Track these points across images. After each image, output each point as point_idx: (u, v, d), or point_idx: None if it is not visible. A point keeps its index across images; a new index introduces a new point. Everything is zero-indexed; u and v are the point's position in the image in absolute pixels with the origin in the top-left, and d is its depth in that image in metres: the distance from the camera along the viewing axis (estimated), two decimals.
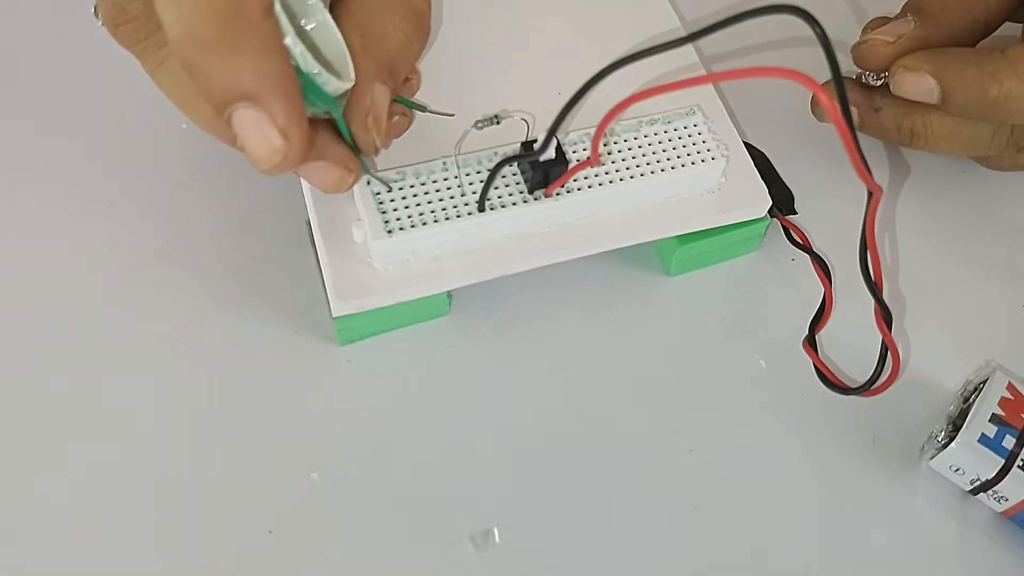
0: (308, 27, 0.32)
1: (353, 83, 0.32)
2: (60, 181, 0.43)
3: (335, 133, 0.33)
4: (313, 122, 0.31)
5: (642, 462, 0.38)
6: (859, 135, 0.29)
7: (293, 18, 0.31)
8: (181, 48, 0.27)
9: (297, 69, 0.29)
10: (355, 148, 0.34)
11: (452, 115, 0.37)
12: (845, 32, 0.43)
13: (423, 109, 0.38)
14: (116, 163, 0.43)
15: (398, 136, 0.37)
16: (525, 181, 0.37)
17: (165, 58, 0.31)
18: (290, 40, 0.29)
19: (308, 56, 0.29)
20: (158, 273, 0.40)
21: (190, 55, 0.27)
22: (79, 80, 0.45)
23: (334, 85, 0.31)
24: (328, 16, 0.32)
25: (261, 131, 0.28)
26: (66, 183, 0.43)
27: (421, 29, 0.35)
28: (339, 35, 0.32)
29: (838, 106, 0.27)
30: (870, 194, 0.30)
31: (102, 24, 0.33)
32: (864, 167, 0.28)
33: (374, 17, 0.33)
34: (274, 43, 0.28)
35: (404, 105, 0.37)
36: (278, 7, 0.28)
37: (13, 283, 0.40)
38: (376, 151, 0.34)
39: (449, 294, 0.39)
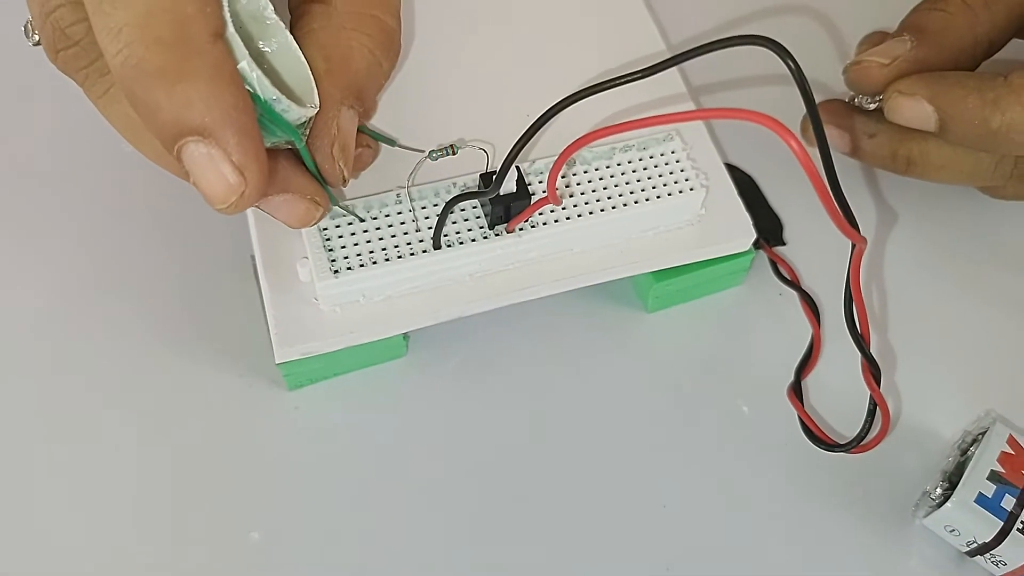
0: (266, 49, 0.30)
1: (317, 109, 0.29)
2: None
3: (297, 163, 0.31)
4: (273, 152, 0.28)
5: (612, 518, 0.35)
6: (845, 177, 0.26)
7: (250, 40, 0.28)
8: (124, 79, 0.25)
9: (254, 96, 0.27)
10: (320, 179, 0.31)
11: (432, 150, 0.34)
12: (828, 61, 0.40)
13: (392, 143, 0.35)
14: (46, 189, 0.40)
15: (362, 169, 0.35)
16: (485, 216, 0.34)
17: (110, 86, 0.29)
18: (245, 65, 0.26)
19: (265, 81, 0.27)
20: (91, 310, 0.38)
21: (133, 86, 0.25)
22: (16, 96, 0.43)
23: (295, 113, 0.28)
24: (289, 37, 0.30)
25: (214, 167, 0.26)
26: (4, 208, 0.40)
27: (390, 49, 0.33)
28: (302, 57, 0.30)
29: (808, 154, 0.24)
30: (854, 244, 0.27)
31: (34, 45, 0.31)
32: (844, 218, 0.25)
33: (340, 37, 0.31)
34: (226, 70, 0.26)
35: (370, 136, 0.34)
36: (231, 29, 0.26)
37: None
38: (344, 182, 0.32)
39: (406, 335, 0.37)
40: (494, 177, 0.32)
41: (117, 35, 0.24)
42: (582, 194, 0.35)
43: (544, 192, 0.35)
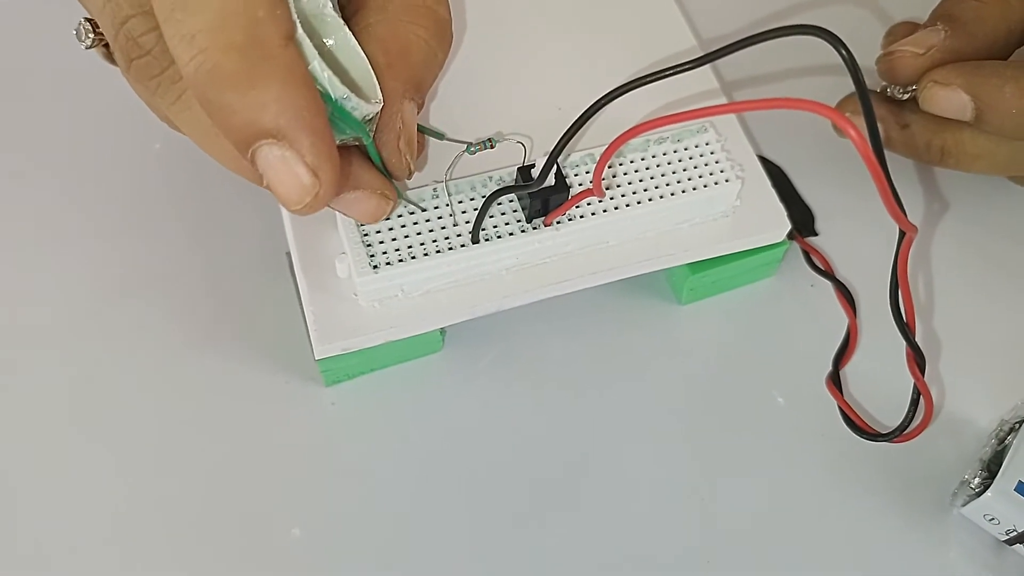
0: (329, 45, 0.29)
1: (382, 104, 0.29)
2: (23, 209, 0.40)
3: (366, 159, 0.31)
4: (342, 150, 0.28)
5: (650, 511, 0.35)
6: (889, 166, 0.26)
7: (314, 37, 0.28)
8: (197, 85, 0.25)
9: (324, 96, 0.27)
10: (386, 173, 0.31)
11: (469, 143, 0.34)
12: (871, 53, 0.40)
13: (441, 136, 0.35)
14: (84, 190, 0.40)
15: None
16: (523, 209, 0.34)
17: (181, 93, 0.28)
18: (316, 65, 0.26)
19: (336, 81, 0.27)
20: (128, 309, 0.38)
21: (208, 92, 0.25)
22: (48, 97, 0.42)
23: (364, 109, 0.28)
24: (348, 33, 0.30)
25: (289, 169, 0.26)
26: (30, 211, 0.40)
27: (444, 39, 0.32)
28: (361, 53, 0.29)
29: (869, 142, 0.24)
30: (902, 232, 0.27)
31: (87, 48, 0.31)
32: (897, 206, 0.25)
33: (397, 30, 0.31)
34: (298, 72, 0.25)
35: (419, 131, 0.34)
36: (300, 31, 0.26)
37: None
38: (410, 175, 0.32)
39: (442, 330, 0.37)
40: (540, 170, 0.32)
41: (191, 41, 0.24)
42: (618, 187, 0.35)
43: (580, 185, 0.35)
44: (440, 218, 0.34)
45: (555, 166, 0.33)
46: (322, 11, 0.29)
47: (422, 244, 0.34)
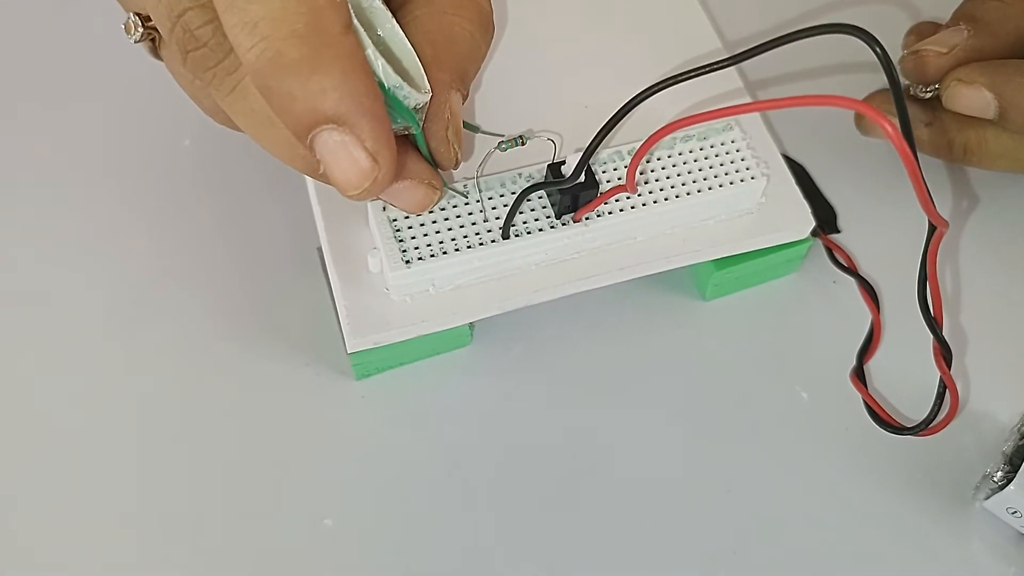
0: (379, 35, 0.30)
1: (430, 94, 0.30)
2: (60, 201, 0.40)
3: (413, 149, 0.31)
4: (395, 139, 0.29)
5: (677, 502, 0.36)
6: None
7: (368, 28, 0.29)
8: (259, 72, 0.25)
9: (379, 85, 0.27)
10: (432, 163, 0.32)
11: (503, 137, 0.34)
12: (894, 52, 0.40)
13: (476, 129, 0.35)
14: (119, 185, 0.41)
15: None
16: (552, 205, 0.35)
17: (237, 83, 0.29)
18: (371, 54, 0.27)
19: (389, 69, 0.28)
20: (161, 302, 0.38)
21: (269, 79, 0.25)
22: (80, 97, 0.43)
23: (415, 98, 0.29)
24: (395, 23, 0.30)
25: (349, 155, 0.26)
26: (67, 204, 0.40)
27: (488, 30, 0.33)
28: (408, 43, 0.30)
29: (903, 137, 0.24)
30: (933, 227, 0.28)
31: (135, 42, 0.31)
32: (930, 201, 0.26)
33: (443, 22, 0.31)
34: (357, 59, 0.26)
35: None
36: (356, 21, 0.26)
37: (9, 305, 0.38)
38: (456, 164, 0.33)
39: (471, 324, 0.37)
40: (571, 167, 0.32)
41: (253, 29, 0.25)
42: (646, 183, 0.36)
43: (609, 182, 0.35)
44: (471, 214, 0.34)
45: (580, 171, 0.33)
46: (371, 3, 0.29)
47: (453, 240, 0.34)
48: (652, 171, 0.36)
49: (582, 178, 0.33)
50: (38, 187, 0.41)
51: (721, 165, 0.36)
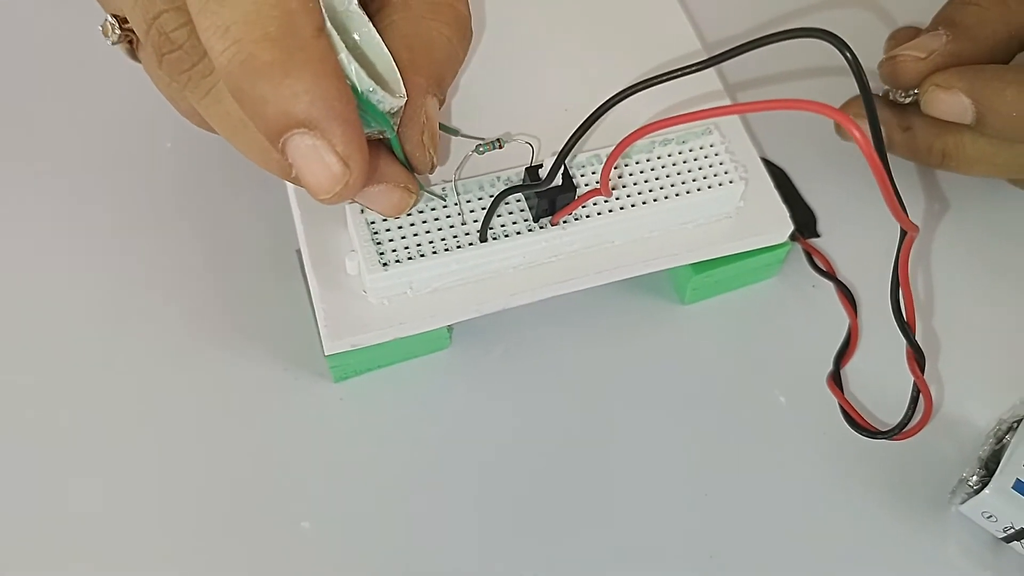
0: (355, 40, 0.30)
1: (405, 99, 0.30)
2: (40, 203, 0.40)
3: (389, 153, 0.32)
4: (368, 144, 0.29)
5: (655, 506, 0.36)
6: (891, 167, 0.26)
7: (343, 32, 0.29)
8: (231, 75, 0.26)
9: (351, 88, 0.27)
10: (408, 167, 0.32)
11: (483, 140, 0.35)
12: (874, 56, 0.40)
13: (455, 133, 0.35)
14: (99, 187, 0.41)
15: None
16: (530, 208, 0.35)
17: (212, 87, 0.29)
18: (344, 57, 0.27)
19: (363, 74, 0.28)
20: (140, 304, 0.38)
21: (241, 82, 0.26)
22: (59, 98, 0.43)
23: (389, 103, 0.29)
24: (372, 28, 0.30)
25: (320, 159, 0.27)
26: (46, 205, 0.40)
27: (465, 36, 0.33)
28: (385, 48, 0.30)
29: (872, 143, 0.24)
30: (904, 232, 0.28)
31: (112, 44, 0.32)
32: (900, 206, 0.26)
33: (420, 26, 0.31)
34: (330, 63, 0.26)
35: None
36: (329, 24, 0.26)
37: None
38: (432, 168, 0.33)
39: (450, 327, 0.37)
40: (548, 169, 0.32)
41: (225, 33, 0.25)
42: (624, 187, 0.36)
43: (587, 185, 0.35)
44: (448, 217, 0.35)
45: (563, 166, 0.33)
46: (347, 7, 0.29)
47: (431, 242, 0.34)
48: (631, 174, 0.36)
49: (559, 181, 0.34)
50: (16, 187, 0.41)
51: (700, 169, 0.36)
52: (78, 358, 0.37)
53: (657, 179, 0.36)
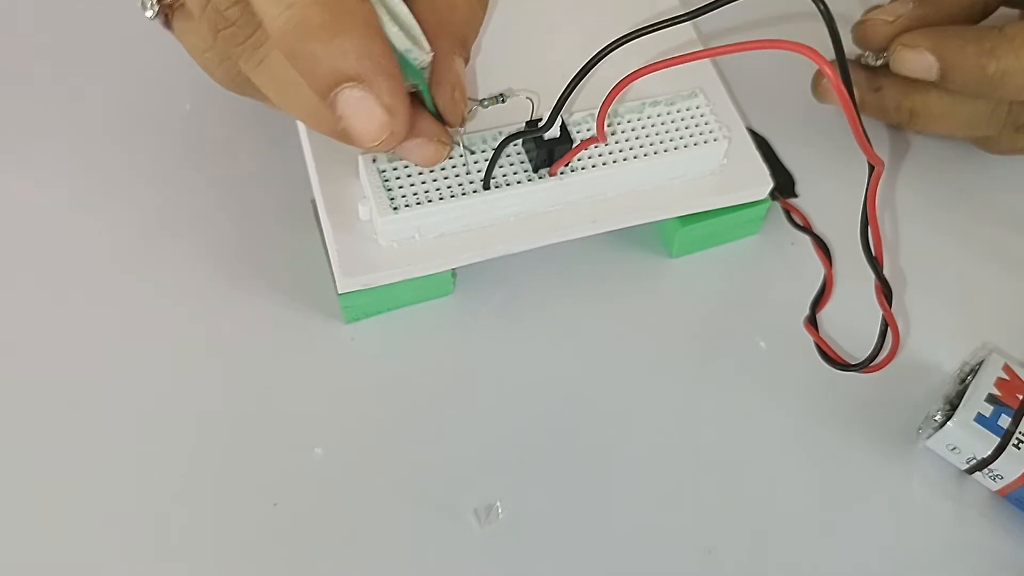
0: (389, 3, 0.32)
1: (431, 54, 0.33)
2: (57, 156, 0.43)
3: (424, 109, 0.34)
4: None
5: (642, 441, 0.38)
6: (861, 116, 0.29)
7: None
8: (286, 38, 0.28)
9: (392, 47, 0.30)
10: (441, 121, 0.35)
11: (483, 98, 0.37)
12: (846, 8, 0.43)
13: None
14: (116, 140, 0.44)
15: None
16: (530, 160, 0.38)
17: (264, 56, 0.32)
18: (387, 20, 0.30)
19: (401, 35, 0.30)
20: (158, 251, 0.41)
21: (295, 43, 0.28)
22: (79, 55, 0.46)
23: (421, 60, 0.32)
24: None
25: (368, 109, 0.29)
26: (64, 159, 0.43)
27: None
28: (408, 11, 0.32)
29: (839, 75, 0.27)
30: (871, 168, 0.30)
31: (151, 18, 0.34)
32: (865, 138, 0.28)
33: None
34: (373, 24, 0.29)
35: None
36: None
37: (8, 259, 0.40)
38: (463, 122, 0.35)
39: (454, 273, 0.40)
40: (550, 113, 0.35)
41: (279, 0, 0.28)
42: (616, 143, 0.39)
43: (582, 140, 0.38)
44: (455, 167, 0.37)
45: (560, 119, 0.36)
46: None
47: (438, 189, 0.37)
48: (623, 132, 0.39)
49: (557, 133, 0.36)
50: (31, 143, 0.43)
51: (686, 128, 0.39)
52: (94, 302, 0.40)
53: (647, 136, 0.39)
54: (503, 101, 0.37)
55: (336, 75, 0.29)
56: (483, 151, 0.38)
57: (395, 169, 0.37)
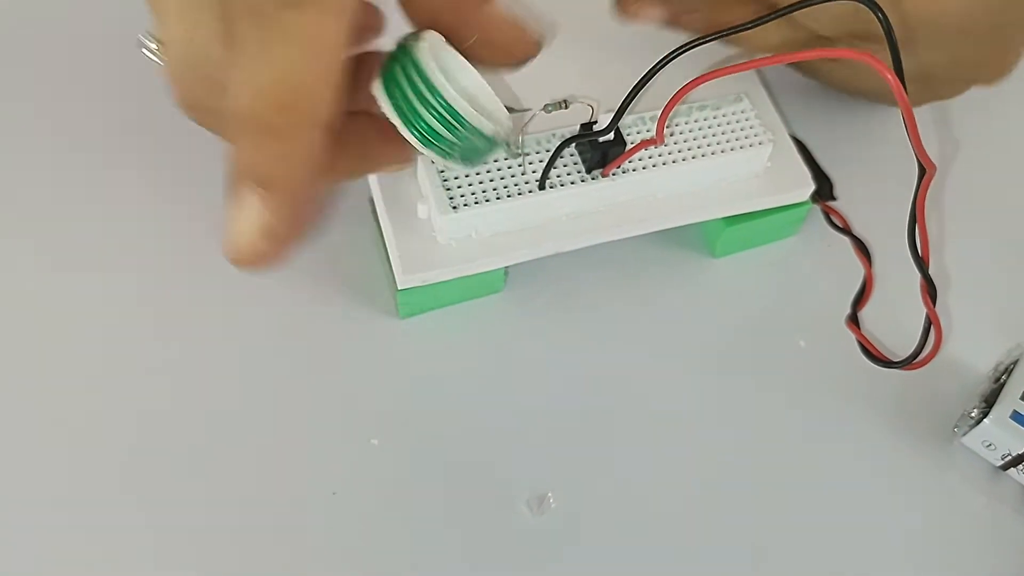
0: (464, 86, 0.32)
1: (510, 124, 0.33)
2: (117, 152, 0.44)
3: (384, 134, 0.32)
4: (358, 129, 0.32)
5: (686, 436, 0.40)
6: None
7: (450, 78, 0.31)
8: (237, 113, 0.27)
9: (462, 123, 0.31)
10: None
11: (546, 104, 0.38)
12: None
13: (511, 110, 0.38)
14: (187, 133, 0.44)
15: None
16: (583, 162, 0.39)
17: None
18: (455, 94, 0.30)
19: (469, 108, 0.30)
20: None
21: (239, 123, 0.27)
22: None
23: (494, 128, 0.32)
24: (472, 70, 0.32)
25: (250, 220, 0.28)
26: (134, 159, 0.44)
27: None
28: (484, 82, 0.32)
29: (903, 89, 0.28)
30: (922, 170, 0.32)
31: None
32: (921, 145, 0.30)
33: None
34: (316, 145, 0.27)
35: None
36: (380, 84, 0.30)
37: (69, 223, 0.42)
38: (536, 48, 0.33)
39: (506, 271, 0.41)
40: (605, 119, 0.36)
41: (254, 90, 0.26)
42: (665, 146, 0.40)
43: (634, 142, 0.39)
44: (510, 168, 0.38)
45: (615, 124, 0.37)
46: (440, 55, 0.31)
47: (495, 190, 0.38)
48: (671, 135, 0.40)
49: (611, 136, 0.38)
50: (80, 128, 0.45)
51: (732, 132, 0.41)
52: (159, 293, 0.41)
53: (695, 139, 0.40)
54: (566, 107, 0.38)
55: (251, 173, 0.27)
56: (537, 152, 0.39)
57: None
